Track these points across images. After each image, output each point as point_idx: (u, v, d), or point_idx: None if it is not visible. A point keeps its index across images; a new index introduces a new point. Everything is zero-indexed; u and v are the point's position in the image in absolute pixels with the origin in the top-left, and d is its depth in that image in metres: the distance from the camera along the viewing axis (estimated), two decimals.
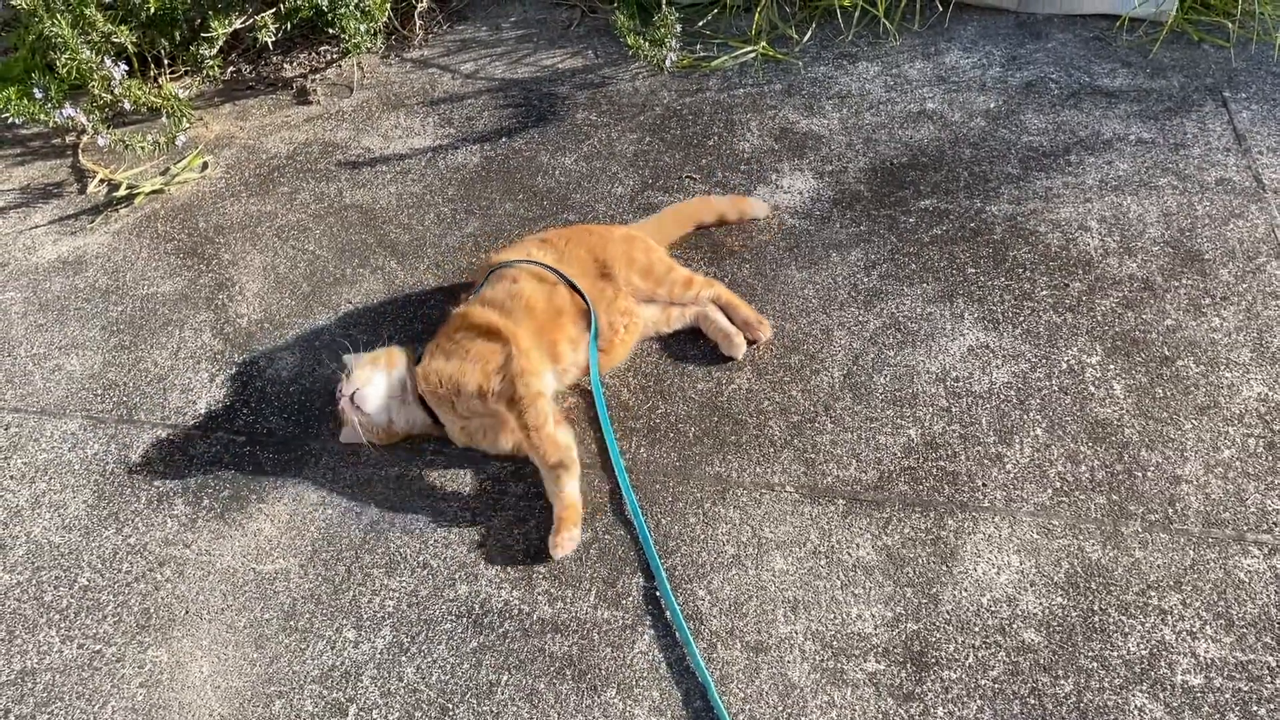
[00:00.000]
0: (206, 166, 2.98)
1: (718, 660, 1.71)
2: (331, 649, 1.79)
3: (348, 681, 1.74)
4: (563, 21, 3.46)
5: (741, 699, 1.66)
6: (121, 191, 2.88)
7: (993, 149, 2.71)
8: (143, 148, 2.92)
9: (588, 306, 2.12)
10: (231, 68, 3.39)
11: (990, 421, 2.04)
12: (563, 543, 1.86)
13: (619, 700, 1.68)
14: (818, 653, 1.71)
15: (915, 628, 1.73)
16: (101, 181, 2.95)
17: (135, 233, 2.75)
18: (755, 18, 3.21)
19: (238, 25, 3.13)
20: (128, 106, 2.98)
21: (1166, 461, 1.94)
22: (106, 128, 2.95)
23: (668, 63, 3.05)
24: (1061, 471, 1.94)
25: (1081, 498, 1.89)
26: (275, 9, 3.18)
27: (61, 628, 1.87)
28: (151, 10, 3.01)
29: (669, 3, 3.21)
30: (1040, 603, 1.74)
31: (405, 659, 1.76)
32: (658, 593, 1.81)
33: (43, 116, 2.86)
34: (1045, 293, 2.29)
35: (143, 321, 2.48)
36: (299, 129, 3.09)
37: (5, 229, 2.85)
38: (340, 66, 3.36)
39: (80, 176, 2.99)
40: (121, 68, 2.90)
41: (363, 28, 3.11)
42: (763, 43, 3.15)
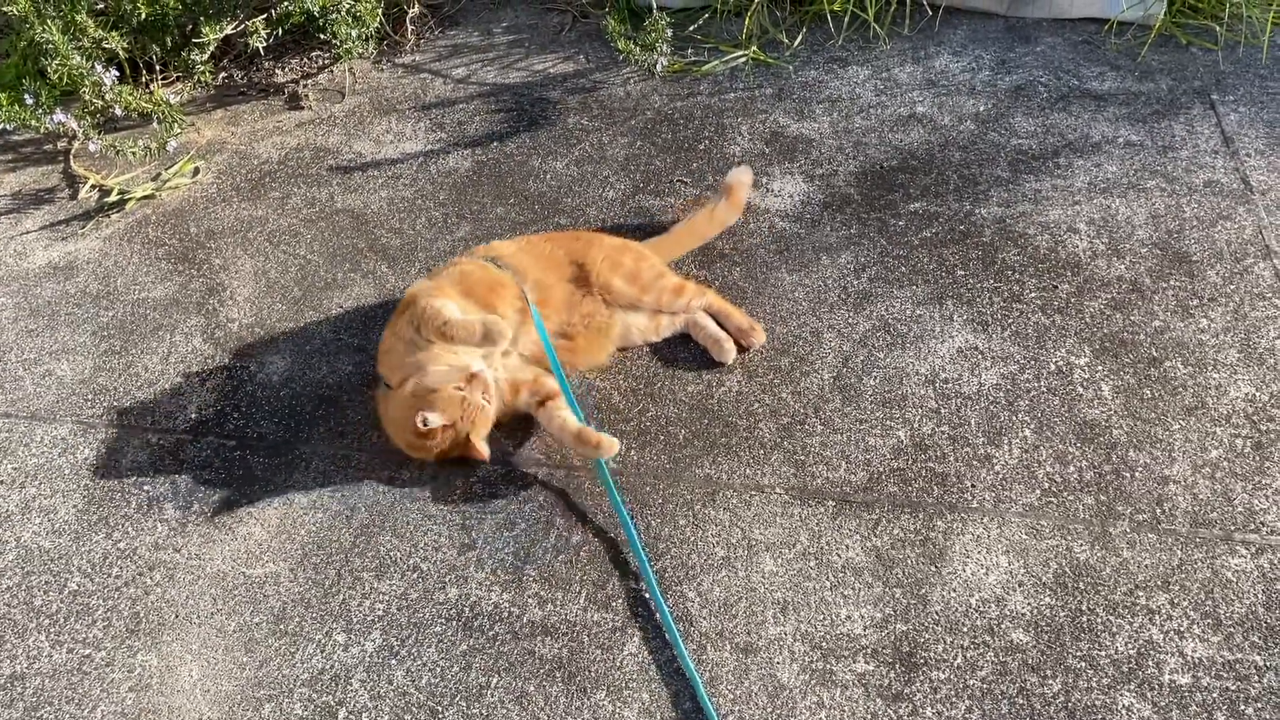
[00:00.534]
0: (198, 172, 2.98)
1: (707, 662, 1.71)
2: (321, 652, 1.79)
3: (337, 685, 1.74)
4: (554, 26, 3.46)
5: (731, 700, 1.66)
6: (113, 197, 2.88)
7: (982, 152, 2.72)
8: (134, 153, 2.92)
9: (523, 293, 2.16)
10: (223, 73, 3.40)
11: (979, 423, 2.05)
12: (603, 442, 1.95)
13: (609, 702, 1.68)
14: (807, 654, 1.71)
15: (904, 628, 1.73)
16: (93, 187, 2.95)
17: (126, 238, 2.76)
18: (746, 22, 3.22)
19: (229, 31, 3.14)
20: (119, 112, 2.98)
21: (1154, 462, 1.94)
22: (98, 133, 2.95)
23: (659, 67, 3.06)
24: (1050, 472, 1.95)
25: (1070, 498, 1.90)
26: (267, 15, 3.18)
27: (51, 632, 1.87)
28: (143, 16, 3.01)
29: (660, 7, 3.22)
30: (1029, 603, 1.75)
31: (395, 662, 1.77)
32: (646, 594, 1.82)
33: (34, 122, 2.86)
34: (1034, 294, 2.30)
35: (134, 326, 2.48)
36: (290, 134, 3.10)
37: None
38: (332, 72, 3.37)
39: (71, 182, 2.99)
40: (113, 74, 2.90)
41: (354, 33, 3.12)
42: (753, 47, 3.16)
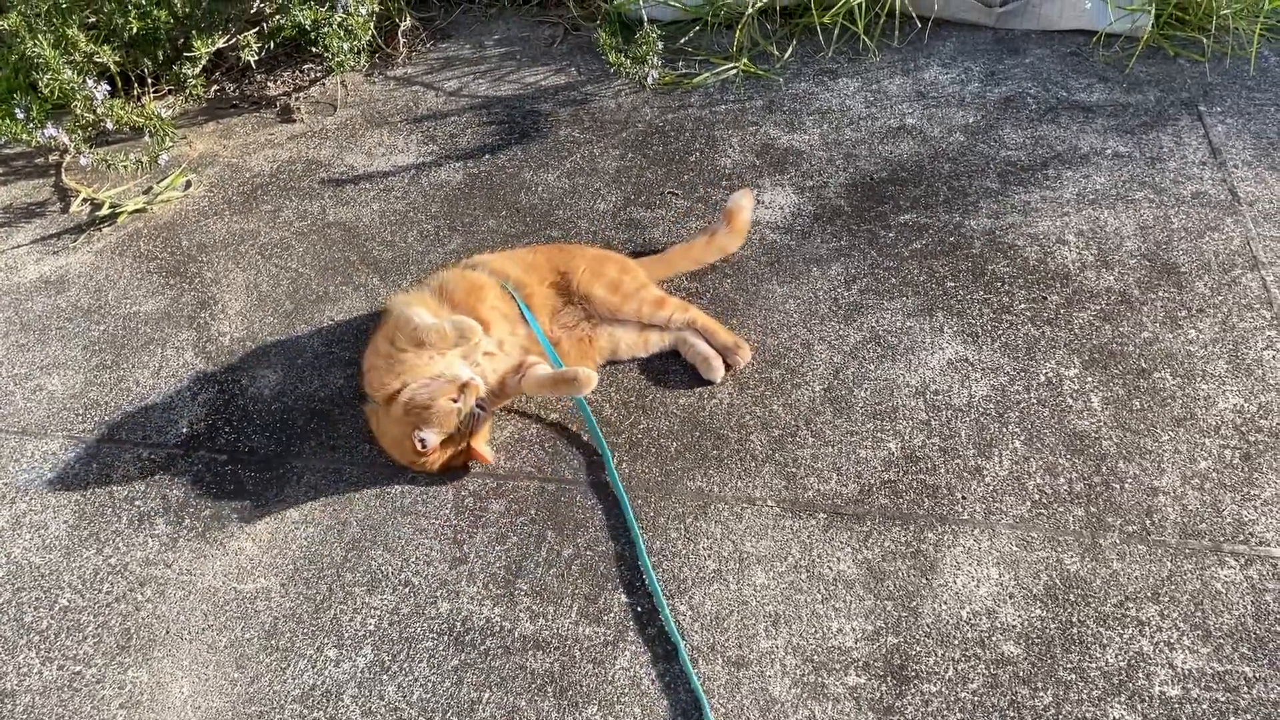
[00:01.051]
0: (190, 185, 2.98)
1: (699, 676, 1.71)
2: (312, 668, 1.79)
3: (329, 701, 1.74)
4: (545, 39, 3.48)
5: (723, 715, 1.66)
6: (104, 211, 2.88)
7: (971, 163, 2.73)
8: (125, 167, 2.92)
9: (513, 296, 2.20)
10: (215, 86, 3.40)
11: (969, 434, 2.05)
12: (579, 376, 2.02)
13: (600, 717, 1.68)
14: (798, 667, 1.71)
15: (895, 641, 1.74)
16: (84, 201, 2.95)
17: (118, 252, 2.75)
18: (736, 35, 3.23)
19: (221, 45, 3.14)
20: (110, 126, 2.98)
21: (1144, 473, 1.95)
22: (89, 147, 2.95)
23: (649, 80, 3.07)
24: (1040, 484, 1.95)
25: (1060, 510, 1.91)
26: (259, 28, 3.19)
27: (41, 649, 1.86)
28: (134, 30, 3.02)
29: (651, 20, 3.24)
30: (1019, 615, 1.75)
31: (386, 677, 1.76)
32: (639, 607, 1.82)
33: (25, 136, 2.86)
34: (1023, 306, 2.31)
35: (125, 341, 2.48)
36: (282, 147, 3.10)
37: None
38: (324, 85, 3.37)
39: (63, 196, 2.99)
40: (104, 88, 2.90)
41: (346, 46, 3.13)
42: (744, 59, 3.17)
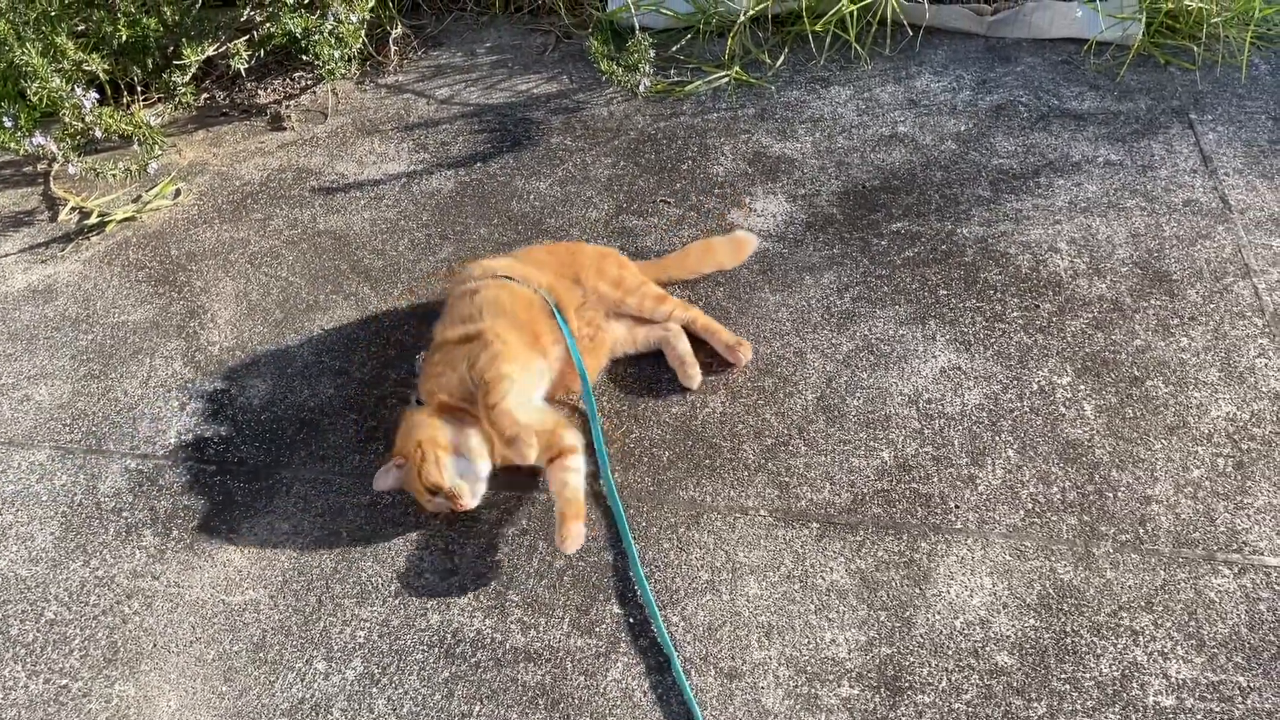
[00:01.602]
0: (179, 193, 2.96)
1: (691, 687, 1.70)
2: (301, 681, 1.77)
3: (318, 714, 1.72)
4: (537, 47, 3.47)
5: None
6: (93, 219, 2.87)
7: (963, 171, 2.73)
8: (114, 175, 2.90)
9: (549, 304, 2.15)
10: (205, 94, 3.39)
11: (962, 443, 2.05)
12: (568, 536, 1.82)
13: None
14: (792, 678, 1.70)
15: (889, 651, 1.73)
16: (73, 209, 2.93)
17: (106, 260, 2.74)
18: (728, 43, 3.23)
19: (211, 52, 3.13)
20: (99, 134, 2.96)
21: (1137, 482, 1.95)
22: (78, 155, 2.93)
23: (641, 88, 3.07)
24: (1033, 493, 1.95)
25: (1053, 519, 1.90)
26: (249, 36, 3.18)
27: (27, 662, 1.84)
28: (123, 38, 3.01)
29: (643, 28, 3.23)
30: (1013, 625, 1.75)
31: (376, 690, 1.75)
32: (631, 619, 1.81)
33: (13, 145, 2.84)
34: (1016, 314, 2.30)
35: (113, 350, 2.46)
36: (273, 155, 3.09)
37: None
38: (315, 93, 3.36)
39: (51, 204, 2.97)
40: (93, 96, 2.88)
41: (337, 54, 3.12)
42: (736, 68, 3.17)
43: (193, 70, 3.13)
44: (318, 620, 1.86)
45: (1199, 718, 1.60)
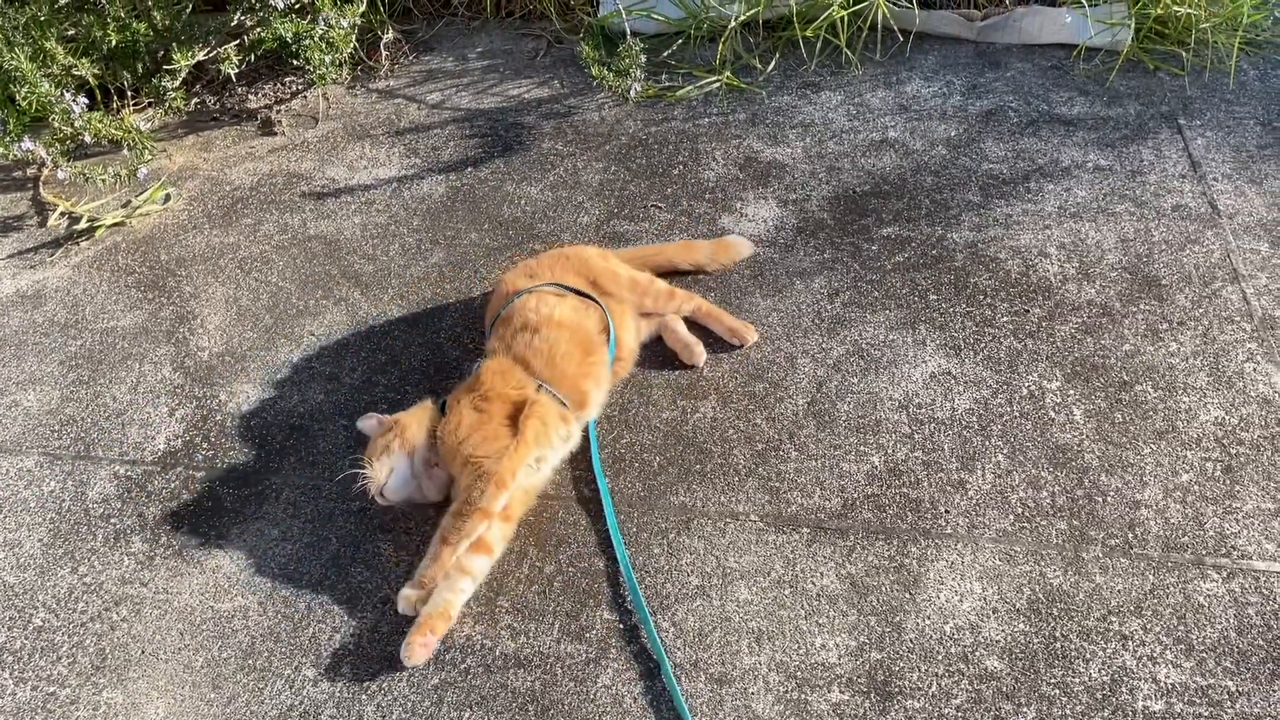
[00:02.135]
0: (169, 198, 2.96)
1: (682, 693, 1.70)
2: (290, 688, 1.76)
3: None
4: (529, 52, 3.47)
5: None
6: (82, 224, 2.86)
7: (954, 177, 2.74)
8: (104, 180, 2.90)
9: (609, 330, 2.14)
10: (195, 99, 3.38)
11: (952, 448, 2.05)
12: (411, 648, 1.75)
13: None
14: (782, 684, 1.70)
15: (879, 657, 1.73)
16: (62, 214, 2.92)
17: (96, 266, 2.73)
18: (720, 48, 3.23)
19: (201, 57, 3.13)
20: (88, 139, 2.96)
21: (1126, 486, 1.95)
22: (67, 160, 2.93)
23: (633, 93, 3.07)
24: (1023, 497, 1.95)
25: (1043, 523, 1.90)
26: (239, 41, 3.18)
27: (15, 670, 1.83)
28: (113, 43, 3.00)
29: (634, 33, 3.24)
30: (1003, 630, 1.75)
31: (365, 697, 1.74)
32: (621, 625, 1.80)
33: (1, 150, 2.83)
34: (1006, 319, 2.31)
35: (102, 356, 2.45)
36: (263, 160, 3.08)
37: None
38: (305, 97, 3.36)
39: (40, 209, 2.96)
40: (82, 101, 2.88)
41: (328, 59, 3.12)
42: (727, 73, 3.18)
43: (183, 75, 3.12)
44: (307, 627, 1.85)
45: None
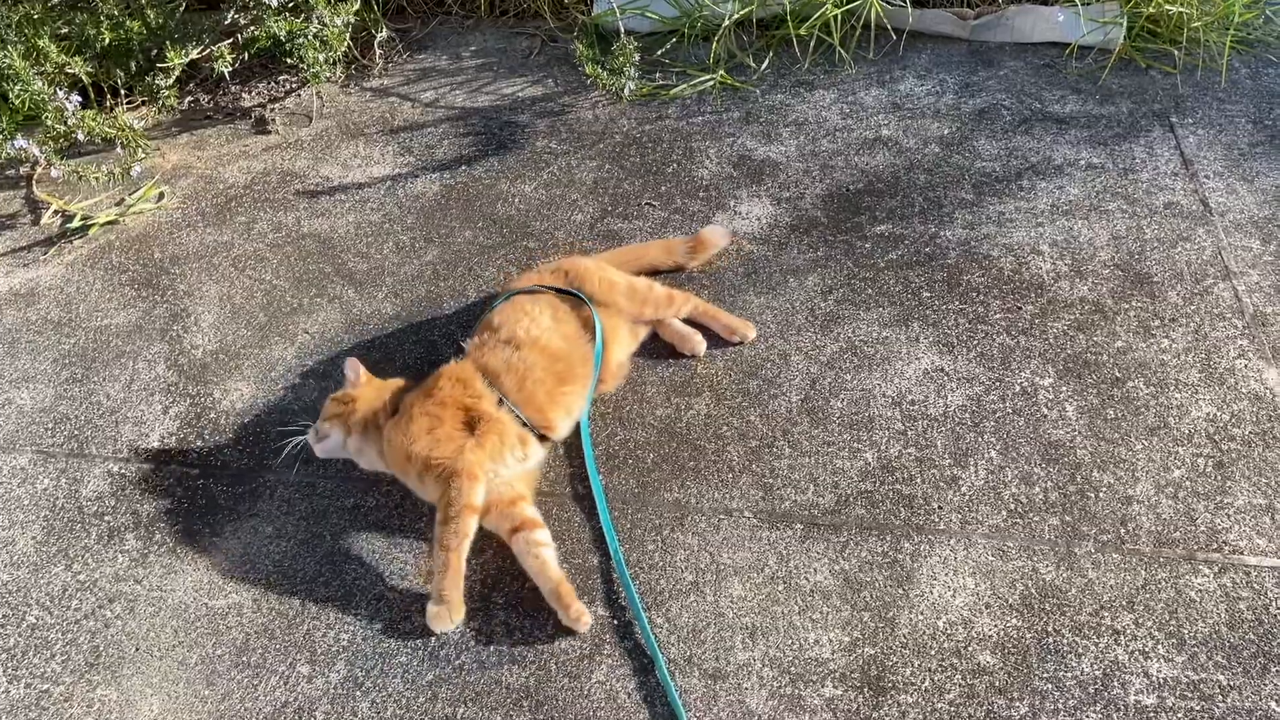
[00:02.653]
0: (163, 197, 2.95)
1: (676, 689, 1.70)
2: (284, 685, 1.76)
3: (301, 718, 1.71)
4: (523, 50, 3.47)
5: None
6: (76, 223, 2.85)
7: (947, 175, 2.75)
8: (97, 179, 2.89)
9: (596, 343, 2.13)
10: (189, 98, 3.38)
11: (945, 444, 2.06)
12: (580, 617, 1.79)
13: None
14: (775, 679, 1.71)
15: (872, 652, 1.73)
16: (55, 213, 2.92)
17: (89, 264, 2.73)
18: (713, 47, 3.24)
19: (194, 55, 3.12)
20: (82, 137, 2.95)
21: (1118, 482, 1.96)
22: (60, 159, 2.92)
23: (627, 91, 3.07)
24: (1015, 493, 1.96)
25: (1035, 519, 1.91)
26: (233, 39, 3.17)
27: (9, 667, 1.83)
28: (107, 41, 3.00)
29: (628, 32, 3.24)
30: (995, 625, 1.75)
31: (360, 694, 1.74)
32: (616, 621, 1.81)
33: None
34: (998, 316, 2.32)
35: (95, 354, 2.45)
36: (257, 158, 3.08)
37: None
38: (299, 96, 3.36)
39: (34, 208, 2.96)
40: (75, 99, 2.87)
41: (321, 57, 3.11)
42: (721, 71, 3.18)
43: (176, 73, 3.12)
44: (301, 623, 1.85)
45: (1179, 716, 1.61)
